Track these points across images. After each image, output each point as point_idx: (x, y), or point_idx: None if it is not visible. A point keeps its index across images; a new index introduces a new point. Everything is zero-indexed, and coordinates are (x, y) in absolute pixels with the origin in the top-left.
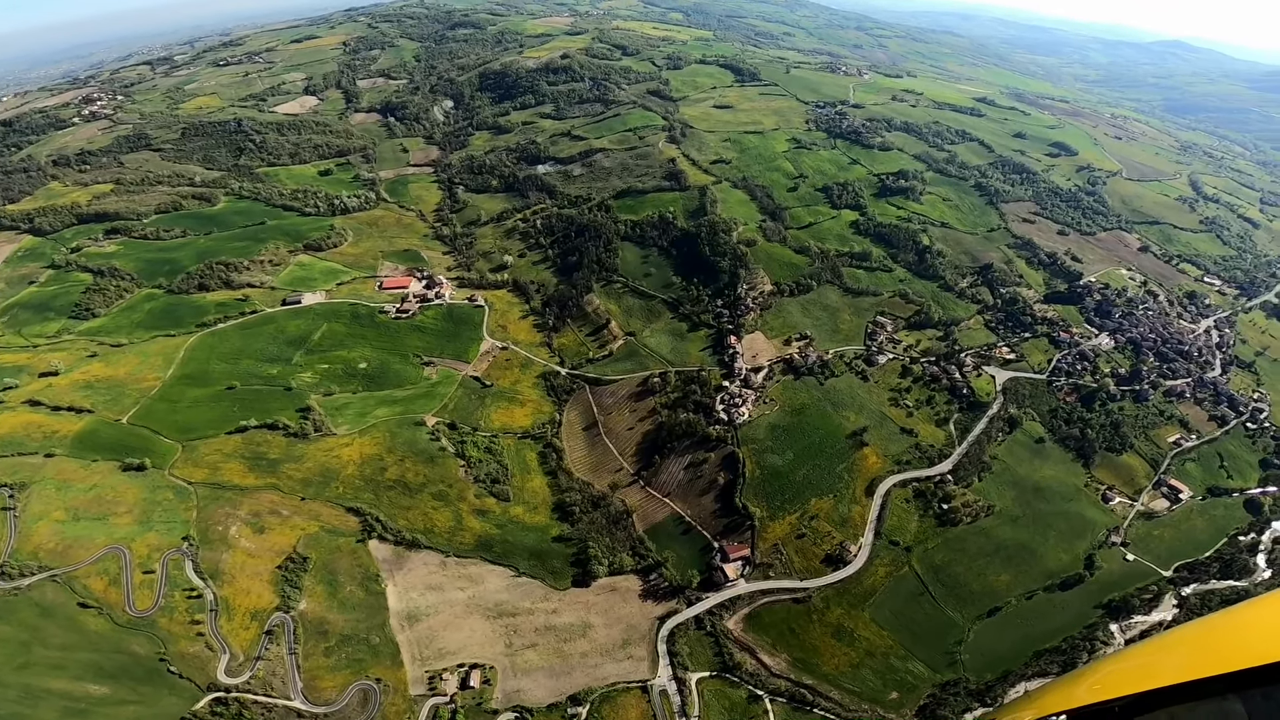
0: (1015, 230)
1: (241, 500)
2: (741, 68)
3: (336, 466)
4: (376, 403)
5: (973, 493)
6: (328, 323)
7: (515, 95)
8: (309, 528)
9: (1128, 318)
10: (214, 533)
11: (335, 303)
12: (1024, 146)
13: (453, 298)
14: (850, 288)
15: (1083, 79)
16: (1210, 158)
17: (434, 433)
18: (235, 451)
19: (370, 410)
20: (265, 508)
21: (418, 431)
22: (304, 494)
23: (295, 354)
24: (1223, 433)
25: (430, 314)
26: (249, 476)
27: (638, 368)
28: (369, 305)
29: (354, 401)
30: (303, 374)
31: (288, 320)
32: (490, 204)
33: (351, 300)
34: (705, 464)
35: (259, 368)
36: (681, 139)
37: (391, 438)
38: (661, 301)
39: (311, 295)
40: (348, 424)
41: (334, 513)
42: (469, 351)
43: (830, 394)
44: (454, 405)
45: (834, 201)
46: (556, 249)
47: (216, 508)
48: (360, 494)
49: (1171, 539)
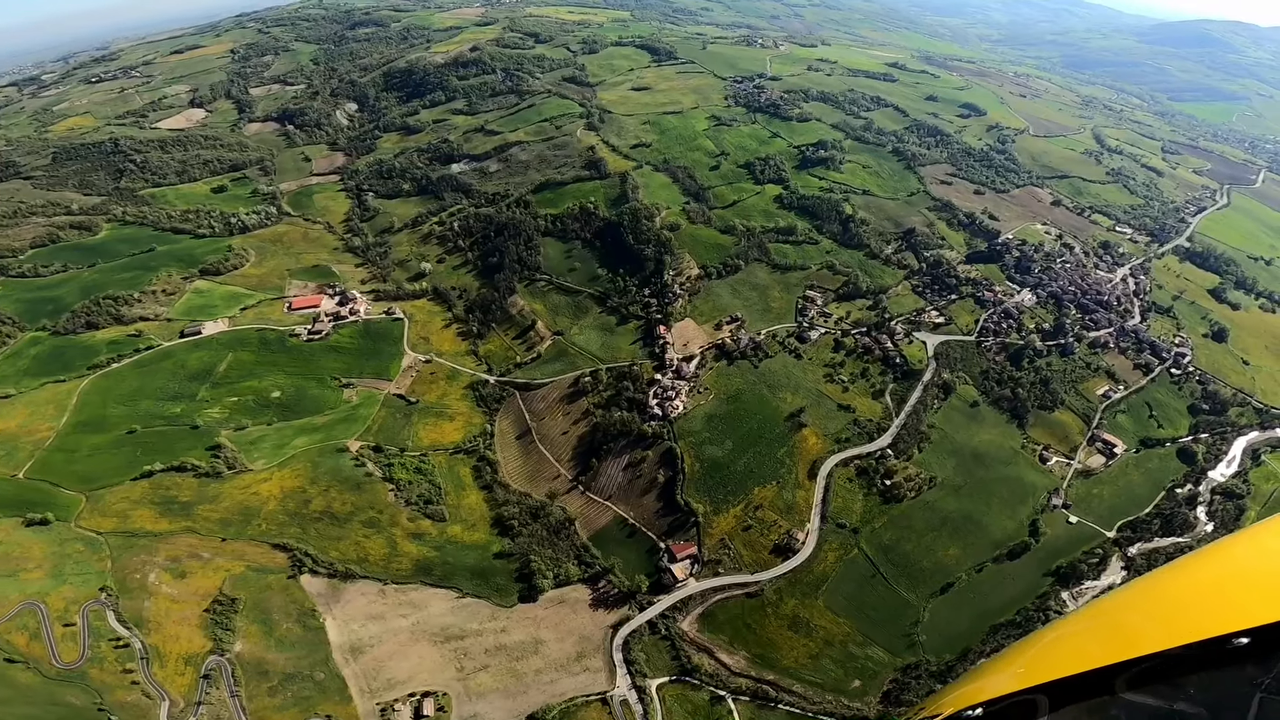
0: (934, 193)
1: (157, 546)
2: (658, 47)
3: (256, 504)
4: (294, 432)
5: (914, 465)
6: (233, 352)
7: (424, 93)
8: (234, 568)
9: (1047, 272)
10: (132, 581)
11: (240, 330)
12: (936, 109)
13: (369, 313)
14: (778, 264)
15: (987, 39)
16: (1111, 111)
17: (359, 458)
18: (144, 498)
19: (288, 441)
20: (184, 552)
21: (341, 459)
22: (224, 534)
23: (200, 389)
24: (1149, 380)
25: (346, 332)
26: (161, 522)
27: (568, 368)
28: (278, 329)
29: (269, 433)
30: (210, 410)
31: (188, 354)
32: (404, 209)
33: (258, 325)
34: (644, 463)
35: (161, 407)
36: (600, 125)
37: (313, 468)
38: (588, 296)
39: (213, 324)
40: (264, 458)
41: (259, 551)
42: (390, 368)
43: (765, 376)
44: (378, 427)
45: (757, 177)
46: (476, 250)
47: (131, 556)
48: (285, 529)
49: (1111, 496)
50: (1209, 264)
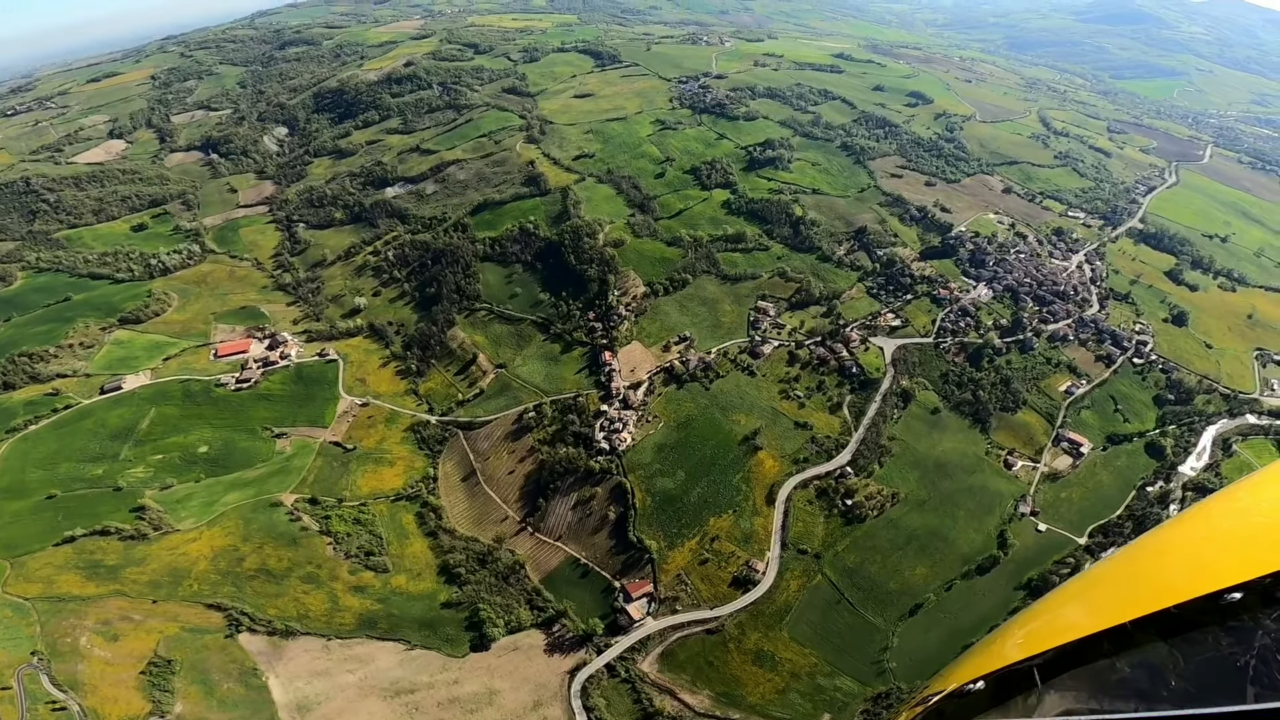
0: (885, 187)
1: (86, 610)
2: (601, 51)
3: (185, 564)
4: (224, 488)
5: (876, 482)
6: (156, 407)
7: (357, 113)
8: (168, 629)
9: (1001, 264)
10: (63, 645)
11: (163, 382)
12: (884, 99)
13: (301, 355)
14: (727, 274)
15: (933, 24)
16: (1055, 92)
17: (293, 512)
18: (68, 563)
19: (217, 498)
20: (114, 615)
21: (275, 513)
22: (154, 596)
23: (122, 448)
24: (1111, 373)
25: (277, 378)
26: (89, 586)
27: (511, 403)
28: (203, 379)
29: (197, 491)
30: (133, 470)
31: (108, 411)
32: (336, 239)
33: (182, 376)
34: (593, 500)
35: (81, 469)
36: (541, 137)
37: (245, 525)
38: (531, 324)
39: (134, 377)
40: (192, 516)
41: (193, 611)
42: (325, 414)
43: (717, 398)
44: (314, 478)
45: (703, 182)
46: (413, 281)
47: (60, 620)
48: (219, 588)
49: (1080, 500)
50: (1164, 245)
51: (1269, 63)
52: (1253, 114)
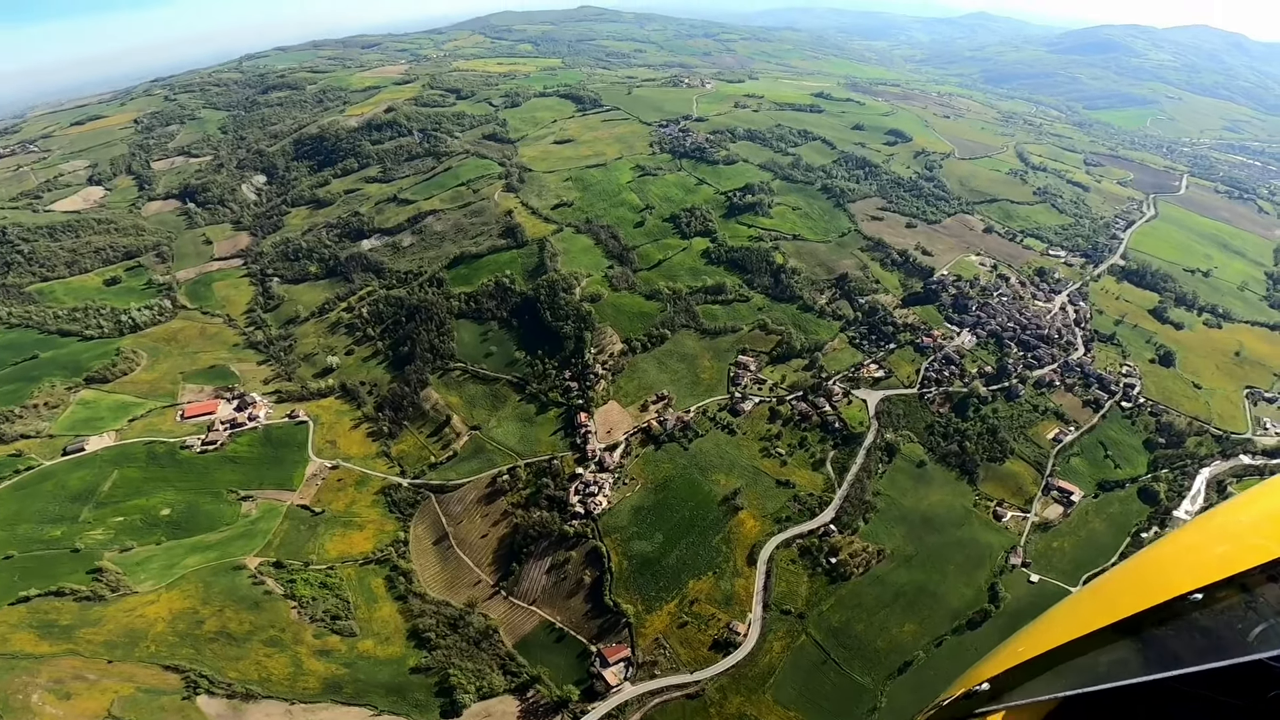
0: (866, 231)
1: (39, 668)
2: (582, 95)
3: (143, 625)
4: (185, 551)
5: (860, 539)
6: (118, 469)
7: (336, 160)
8: (122, 689)
9: (984, 308)
10: (15, 701)
11: (126, 444)
12: (863, 139)
13: (270, 417)
14: (707, 329)
15: (911, 59)
16: (1030, 125)
17: (257, 576)
18: (22, 622)
19: (178, 561)
20: (68, 674)
21: (237, 577)
22: (109, 657)
23: (82, 510)
24: (1100, 418)
25: (244, 440)
26: (42, 645)
27: (485, 466)
28: (168, 441)
29: (158, 554)
30: (92, 532)
31: (69, 473)
32: (310, 295)
33: (147, 438)
34: (568, 564)
35: (40, 531)
36: (519, 185)
37: (205, 588)
38: (506, 383)
39: (98, 439)
40: (151, 579)
41: (149, 672)
42: (293, 477)
43: (696, 458)
44: (279, 541)
45: (683, 230)
46: (387, 339)
47: (12, 677)
48: (177, 650)
49: (1073, 549)
50: (1146, 282)
51: (1237, 88)
52: (1225, 140)
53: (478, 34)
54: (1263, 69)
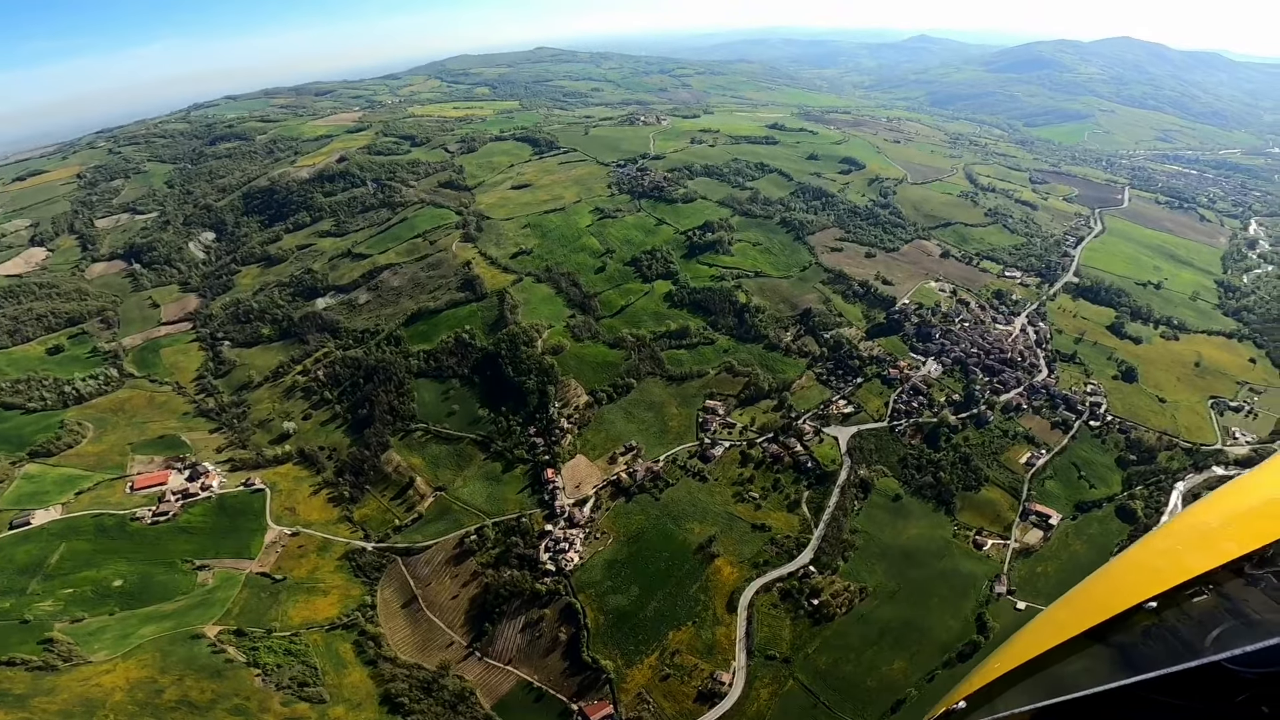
0: (826, 263)
1: None
2: (539, 138)
3: (100, 695)
4: (140, 621)
5: (841, 578)
6: (66, 542)
7: (287, 213)
8: None
9: (947, 335)
10: None
11: (74, 517)
12: (818, 168)
13: (224, 486)
14: (673, 374)
15: (860, 85)
16: (976, 146)
17: (216, 644)
18: None
19: (133, 631)
20: None
21: (196, 646)
22: None
23: (30, 583)
24: (1070, 439)
25: (197, 511)
26: None
27: (452, 527)
28: (117, 514)
29: (111, 624)
30: (42, 603)
31: (15, 547)
32: (264, 358)
33: (95, 510)
34: (542, 621)
35: None
36: (478, 234)
37: (163, 657)
38: (470, 442)
39: (44, 512)
40: (106, 649)
41: None
42: (251, 546)
43: (669, 508)
44: (240, 610)
45: (644, 274)
46: (345, 401)
47: None
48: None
49: (1056, 573)
50: (1101, 298)
51: (1163, 97)
52: (1159, 151)
53: (434, 78)
54: (1184, 77)
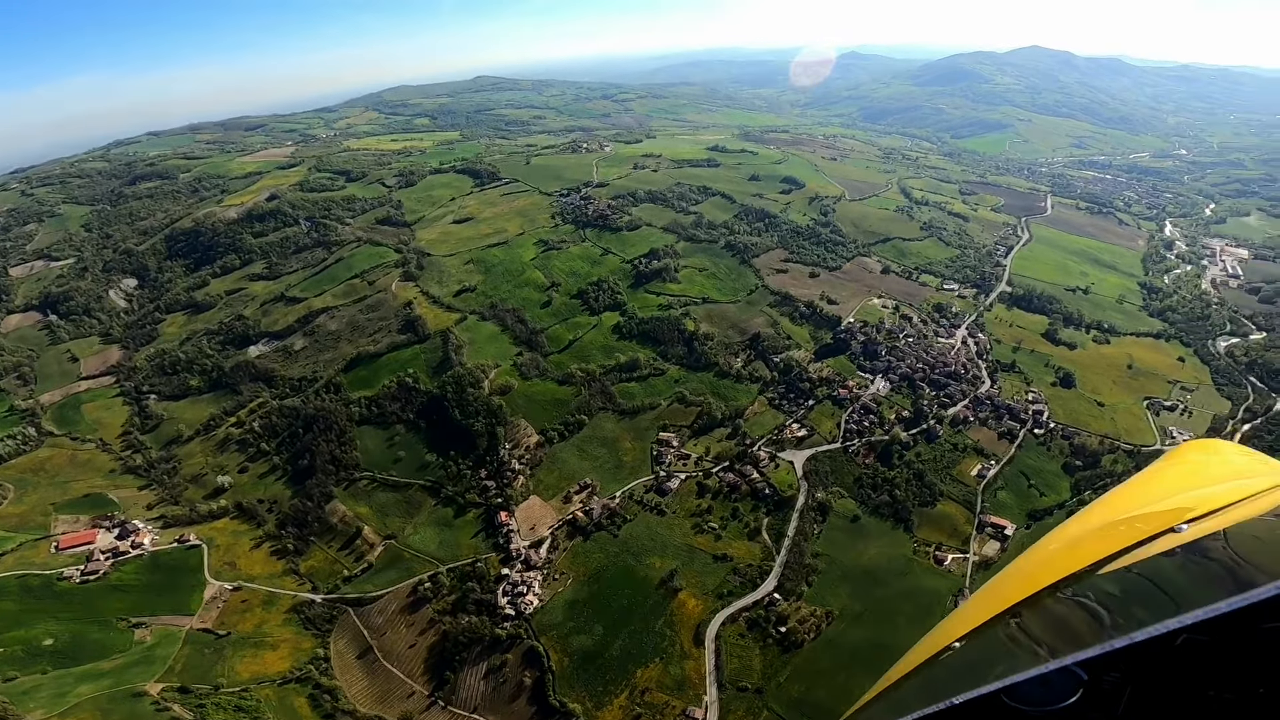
0: (772, 285)
1: None
2: (480, 169)
3: None
4: (76, 679)
5: (806, 603)
6: None
7: (214, 257)
8: None
9: (893, 352)
10: None
11: None
12: (760, 189)
13: (156, 543)
14: (625, 408)
15: (796, 103)
16: (908, 160)
17: (160, 702)
18: None
19: (69, 690)
20: None
21: (138, 704)
22: None
23: None
24: (1017, 448)
25: (129, 568)
26: None
27: (404, 575)
28: (43, 573)
29: (45, 683)
30: None
31: None
32: (194, 411)
33: (19, 571)
34: (505, 667)
35: None
36: (418, 272)
37: (104, 716)
38: (420, 489)
39: None
40: (42, 708)
41: None
42: (190, 601)
43: (628, 544)
44: (183, 666)
45: (591, 306)
46: (284, 453)
47: None
48: None
49: None
50: (1035, 306)
51: (1075, 104)
52: (1075, 157)
53: (371, 110)
54: (1091, 83)
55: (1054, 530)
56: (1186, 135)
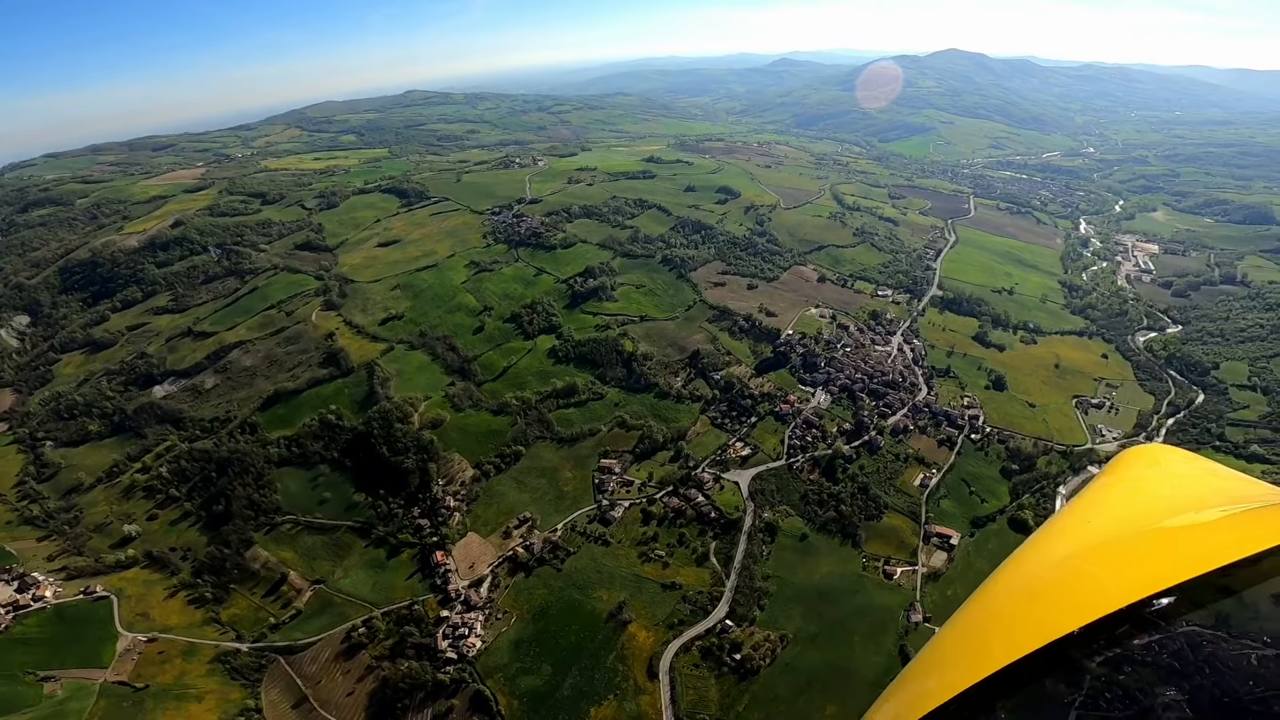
0: (710, 299)
1: None
2: (407, 189)
3: None
4: None
5: (760, 628)
6: None
7: (114, 289)
8: None
9: (832, 363)
10: None
11: None
12: (696, 200)
13: (60, 595)
14: (564, 436)
15: (732, 111)
16: (840, 165)
17: None
18: None
19: None
20: None
21: None
22: None
23: None
24: (956, 455)
25: (31, 622)
26: None
27: (337, 620)
28: None
29: None
30: None
31: None
32: (95, 458)
33: None
34: (452, 713)
35: None
36: (341, 300)
37: None
38: (348, 530)
39: None
40: None
41: None
42: (102, 654)
43: (572, 578)
44: None
45: (526, 330)
46: (197, 498)
47: None
48: None
49: (966, 593)
50: (964, 309)
51: (991, 106)
52: (994, 158)
53: (294, 127)
54: (1005, 85)
55: (1010, 565)
56: (1093, 133)
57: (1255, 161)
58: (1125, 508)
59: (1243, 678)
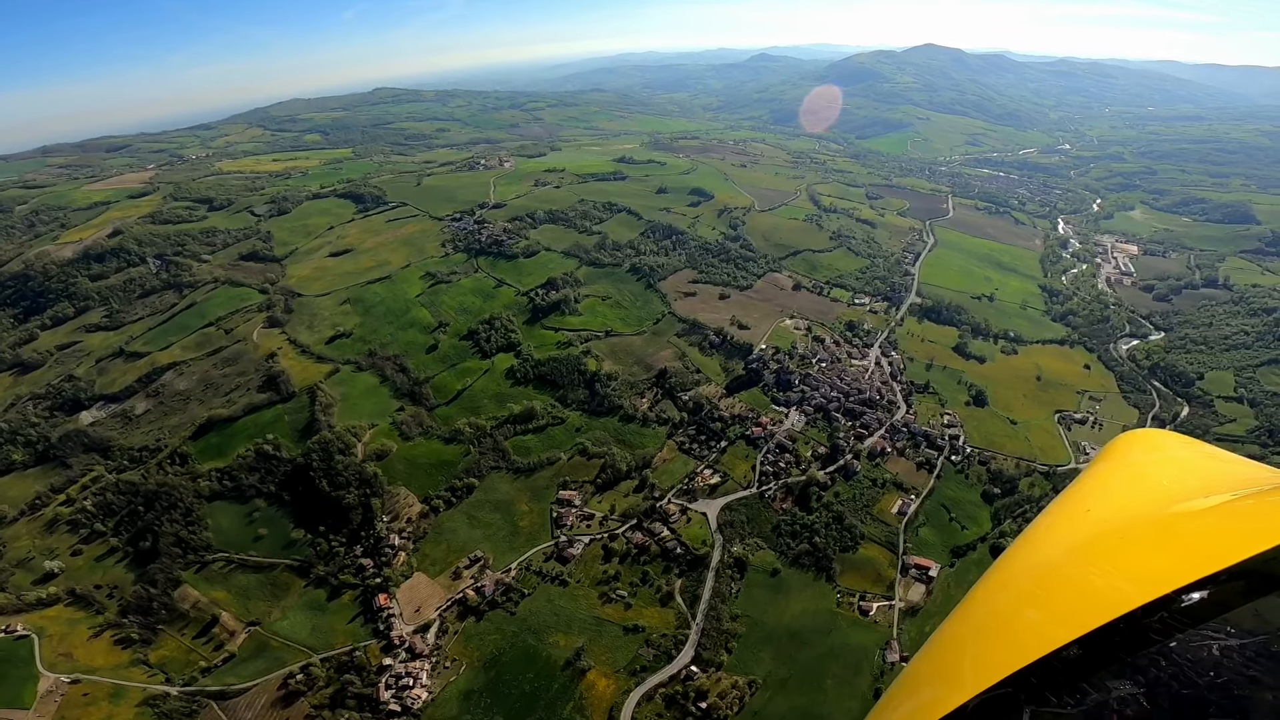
0: (680, 311)
1: None
2: (364, 193)
3: None
4: None
5: (727, 674)
6: None
7: (45, 305)
8: None
9: (807, 380)
10: None
11: None
12: (668, 202)
13: None
14: (520, 466)
15: (709, 108)
16: (817, 164)
17: None
18: None
19: None
20: None
21: None
22: None
23: None
24: (936, 479)
25: None
26: None
27: (273, 665)
28: None
29: None
30: None
31: None
32: (18, 489)
33: None
34: None
35: None
36: (286, 316)
37: None
38: (286, 569)
39: None
40: None
41: None
42: (24, 695)
43: (527, 622)
44: None
45: (483, 348)
46: (123, 534)
47: None
48: None
49: None
50: (944, 317)
51: (968, 101)
52: (971, 155)
53: (256, 127)
54: (981, 80)
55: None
56: (1068, 130)
57: (1231, 158)
58: (1129, 496)
59: (1203, 669)
